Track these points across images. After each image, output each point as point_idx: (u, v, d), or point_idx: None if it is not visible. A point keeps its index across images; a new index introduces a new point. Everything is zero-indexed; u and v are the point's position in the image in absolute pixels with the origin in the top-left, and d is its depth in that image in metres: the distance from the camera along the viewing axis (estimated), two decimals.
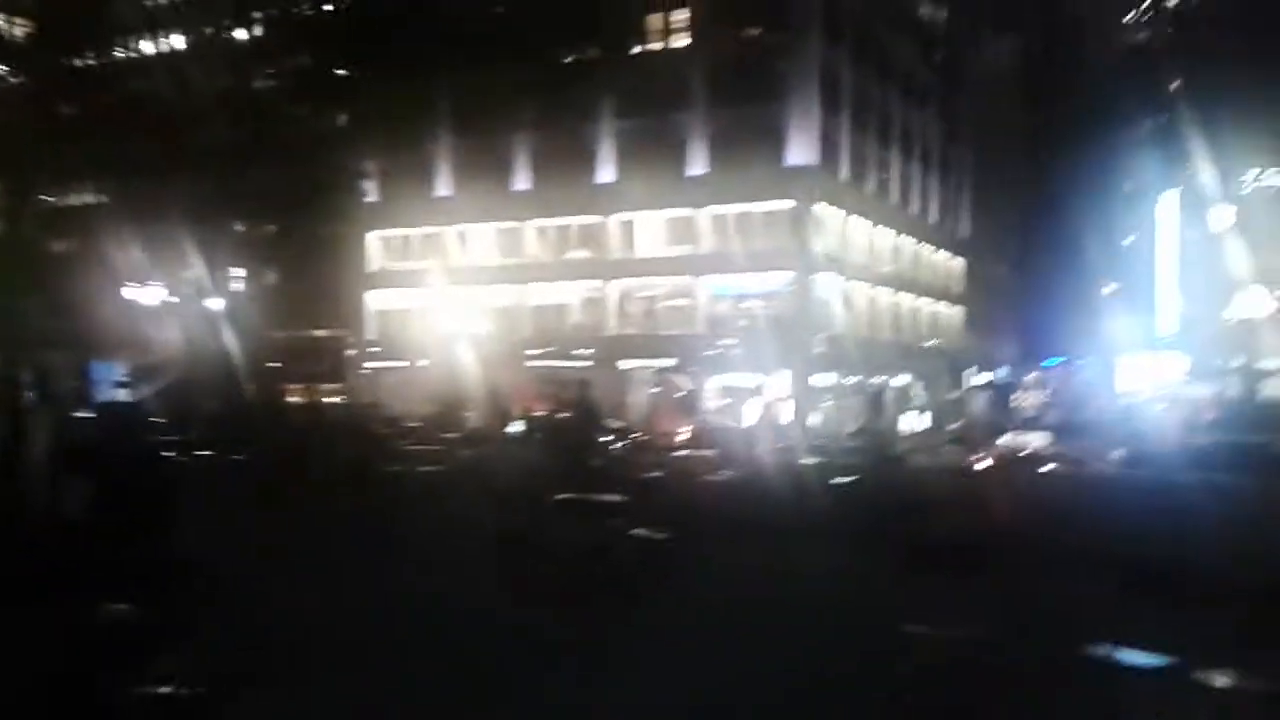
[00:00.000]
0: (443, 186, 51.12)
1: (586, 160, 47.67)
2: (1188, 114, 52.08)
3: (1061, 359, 77.78)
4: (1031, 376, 71.84)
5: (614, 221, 47.27)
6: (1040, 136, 74.28)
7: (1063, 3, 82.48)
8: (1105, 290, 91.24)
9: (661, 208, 46.27)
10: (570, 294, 48.62)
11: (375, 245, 53.20)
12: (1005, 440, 28.23)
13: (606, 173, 47.50)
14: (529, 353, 45.73)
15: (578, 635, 8.26)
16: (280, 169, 26.26)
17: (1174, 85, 58.61)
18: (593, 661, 7.77)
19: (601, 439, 19.46)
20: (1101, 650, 7.98)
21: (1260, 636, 8.05)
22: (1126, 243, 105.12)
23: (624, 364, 45.27)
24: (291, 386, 43.55)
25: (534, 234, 49.29)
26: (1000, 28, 67.74)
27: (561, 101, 45.37)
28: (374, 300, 53.42)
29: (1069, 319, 78.82)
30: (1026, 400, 62.93)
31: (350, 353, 53.06)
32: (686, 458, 30.67)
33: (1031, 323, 71.29)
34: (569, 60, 44.07)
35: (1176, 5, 65.74)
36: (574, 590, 9.52)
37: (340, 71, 26.86)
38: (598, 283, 47.73)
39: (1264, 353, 25.29)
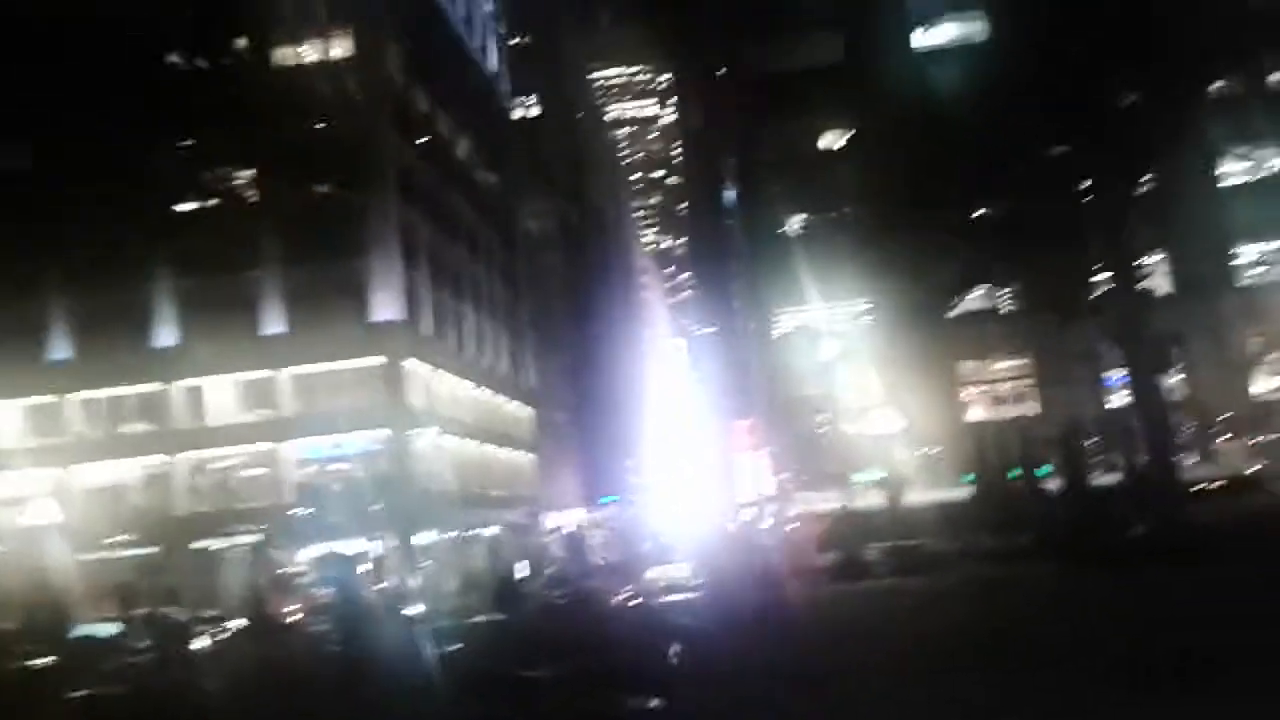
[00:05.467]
0: None
1: (142, 323, 43.26)
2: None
3: (614, 497, 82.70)
4: (595, 516, 75.31)
5: (177, 388, 42.99)
6: (579, 293, 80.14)
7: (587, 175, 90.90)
8: (644, 432, 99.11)
9: (234, 370, 43.01)
10: (128, 472, 43.08)
11: None
12: (652, 574, 29.08)
13: (167, 335, 43.34)
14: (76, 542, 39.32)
15: None
16: None
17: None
18: None
19: None
20: None
21: None
22: (654, 388, 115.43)
23: (201, 544, 40.78)
24: None
25: (78, 408, 43.33)
26: (541, 193, 72.81)
27: (107, 260, 41.30)
28: None
29: (616, 459, 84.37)
30: (596, 538, 65.63)
31: None
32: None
33: (589, 464, 75.25)
34: (112, 215, 40.44)
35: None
36: None
37: None
38: (162, 457, 42.81)
39: (888, 465, 28.83)
